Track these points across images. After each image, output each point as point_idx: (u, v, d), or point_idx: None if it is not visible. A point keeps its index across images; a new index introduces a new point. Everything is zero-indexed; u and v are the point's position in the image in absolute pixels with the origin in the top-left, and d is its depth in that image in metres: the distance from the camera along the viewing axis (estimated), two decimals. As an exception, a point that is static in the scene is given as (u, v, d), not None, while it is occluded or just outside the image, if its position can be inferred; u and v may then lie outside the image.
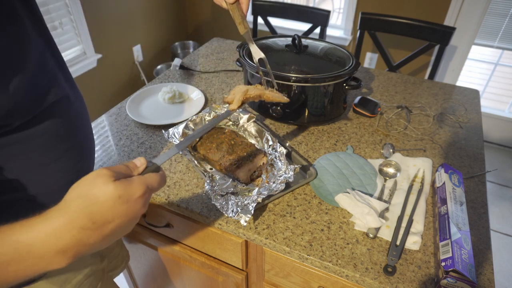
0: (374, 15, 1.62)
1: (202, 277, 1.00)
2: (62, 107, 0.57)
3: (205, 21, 3.09)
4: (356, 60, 0.98)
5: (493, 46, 2.36)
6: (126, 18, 2.48)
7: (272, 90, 0.67)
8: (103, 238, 0.40)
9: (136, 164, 0.45)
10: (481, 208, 0.79)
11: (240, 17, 0.62)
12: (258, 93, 0.65)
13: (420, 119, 1.08)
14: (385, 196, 0.81)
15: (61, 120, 0.57)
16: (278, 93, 0.68)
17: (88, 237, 0.39)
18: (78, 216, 0.38)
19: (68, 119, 0.58)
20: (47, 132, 0.54)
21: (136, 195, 0.41)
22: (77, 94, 0.63)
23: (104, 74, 2.42)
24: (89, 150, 0.66)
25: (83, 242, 0.39)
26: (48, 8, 1.93)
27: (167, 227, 0.90)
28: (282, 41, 1.08)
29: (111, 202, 0.39)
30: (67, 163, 0.59)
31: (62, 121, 0.57)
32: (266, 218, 0.75)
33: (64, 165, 0.59)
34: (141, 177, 0.43)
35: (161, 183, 0.46)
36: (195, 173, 0.86)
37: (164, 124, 1.02)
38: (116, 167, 0.42)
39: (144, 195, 0.42)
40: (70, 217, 0.38)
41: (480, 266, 0.67)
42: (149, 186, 0.43)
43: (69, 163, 0.60)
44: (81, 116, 0.63)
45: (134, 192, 0.41)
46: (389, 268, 0.66)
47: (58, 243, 0.37)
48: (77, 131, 0.61)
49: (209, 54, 1.46)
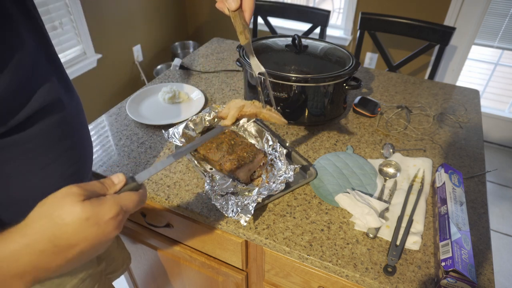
0: (374, 15, 1.63)
1: (202, 277, 1.00)
2: (55, 111, 0.55)
3: (205, 21, 3.09)
4: (356, 60, 0.98)
5: (493, 46, 2.37)
6: (126, 18, 2.48)
7: (270, 109, 0.62)
8: (67, 262, 0.37)
9: (113, 181, 0.41)
10: (481, 208, 0.79)
11: (242, 26, 0.58)
12: (254, 111, 0.61)
13: (420, 119, 1.08)
14: (385, 196, 0.81)
15: (54, 123, 0.55)
16: (277, 113, 0.63)
17: (49, 262, 0.36)
18: (39, 238, 0.35)
19: (62, 122, 0.57)
20: (39, 137, 0.53)
21: (107, 217, 0.37)
22: (72, 97, 0.61)
23: (104, 74, 2.42)
24: (85, 153, 0.64)
25: (43, 267, 0.36)
26: (48, 8, 1.93)
27: (167, 227, 0.90)
28: (282, 41, 1.08)
29: (77, 225, 0.35)
30: (62, 166, 0.58)
31: (56, 125, 0.55)
32: (266, 218, 0.75)
33: (58, 168, 0.57)
34: (115, 197, 0.39)
35: (138, 203, 0.42)
36: (195, 173, 0.86)
37: (164, 124, 1.02)
38: (89, 184, 0.39)
39: (116, 217, 0.38)
40: (30, 239, 0.35)
41: (480, 266, 0.67)
42: (124, 207, 0.39)
43: (64, 166, 0.58)
44: (76, 119, 0.61)
45: (104, 213, 0.37)
46: (389, 268, 0.66)
47: (14, 267, 0.35)
48: (72, 134, 0.60)
49: (209, 54, 1.46)
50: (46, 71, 0.54)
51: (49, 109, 0.54)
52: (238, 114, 0.60)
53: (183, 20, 3.11)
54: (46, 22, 1.95)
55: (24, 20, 0.51)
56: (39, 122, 0.52)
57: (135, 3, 2.53)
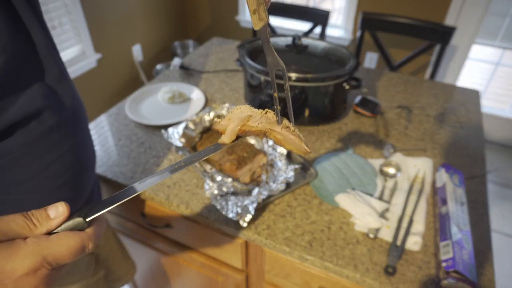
0: (375, 15, 1.62)
1: (202, 277, 0.99)
2: (39, 121, 0.48)
3: (205, 21, 3.08)
4: (356, 60, 0.98)
5: (494, 46, 2.36)
6: (126, 18, 2.48)
7: (288, 127, 0.40)
8: None
9: (49, 215, 0.29)
10: (482, 209, 0.79)
11: (256, 2, 0.38)
12: (263, 129, 0.40)
13: (420, 119, 1.08)
14: (386, 196, 0.80)
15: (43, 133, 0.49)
16: (296, 136, 0.39)
17: None
18: None
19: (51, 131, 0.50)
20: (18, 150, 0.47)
21: (18, 273, 0.26)
22: (59, 106, 0.52)
23: (104, 74, 2.42)
24: (81, 160, 0.57)
25: None
26: (47, 8, 1.93)
27: (167, 227, 0.90)
28: (282, 41, 1.08)
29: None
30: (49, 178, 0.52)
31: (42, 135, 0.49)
32: (266, 219, 0.75)
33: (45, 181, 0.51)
34: (36, 243, 0.27)
35: (77, 251, 0.29)
36: (195, 173, 0.86)
37: (163, 124, 1.02)
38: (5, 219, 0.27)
39: (35, 271, 0.27)
40: None
41: (480, 267, 0.67)
42: (49, 257, 0.27)
43: (54, 177, 0.52)
44: (71, 125, 0.55)
45: (14, 267, 0.26)
46: (389, 269, 0.66)
47: None
48: (64, 143, 0.53)
49: (209, 54, 1.46)
50: (28, 76, 0.46)
51: (30, 120, 0.47)
52: (240, 129, 0.41)
53: (183, 19, 3.11)
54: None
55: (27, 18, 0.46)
56: (18, 134, 0.45)
57: (135, 2, 2.53)
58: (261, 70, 0.94)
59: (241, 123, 0.41)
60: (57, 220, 0.29)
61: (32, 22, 0.48)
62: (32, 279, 0.27)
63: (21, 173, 0.49)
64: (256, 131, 0.41)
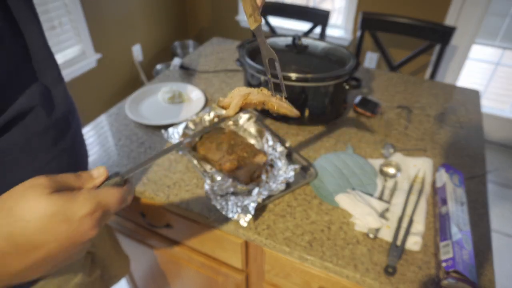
0: (375, 15, 1.62)
1: (202, 277, 0.99)
2: (32, 121, 0.49)
3: (205, 20, 3.09)
4: (356, 60, 0.98)
5: (494, 46, 2.36)
6: (126, 18, 2.48)
7: (281, 99, 0.54)
8: (32, 266, 0.31)
9: (92, 175, 0.36)
10: (482, 209, 0.79)
11: (251, 8, 0.50)
12: (262, 99, 0.53)
13: (420, 119, 1.08)
14: (386, 196, 0.80)
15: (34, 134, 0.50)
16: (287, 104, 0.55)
17: (6, 265, 0.30)
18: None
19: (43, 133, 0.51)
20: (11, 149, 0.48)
21: (80, 214, 0.32)
22: (54, 106, 0.53)
23: (104, 74, 2.42)
24: (77, 161, 0.59)
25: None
26: (47, 8, 1.93)
27: (167, 227, 0.89)
28: (282, 41, 1.08)
29: (39, 222, 0.30)
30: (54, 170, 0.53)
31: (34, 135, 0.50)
32: (266, 219, 0.75)
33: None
34: (91, 191, 0.34)
35: (121, 200, 0.36)
36: (195, 173, 0.86)
37: (163, 124, 1.02)
38: (60, 176, 0.33)
39: (92, 213, 0.32)
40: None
41: (481, 267, 0.67)
42: (102, 203, 0.33)
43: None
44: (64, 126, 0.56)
45: (77, 209, 0.32)
46: (389, 269, 0.66)
47: None
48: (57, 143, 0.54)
49: (209, 54, 1.46)
50: (26, 76, 0.48)
51: (26, 116, 0.48)
52: (243, 103, 0.52)
53: (183, 19, 3.11)
54: (45, 22, 1.95)
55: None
56: (16, 130, 0.47)
57: (135, 2, 2.53)
58: (261, 70, 0.94)
59: (242, 98, 0.52)
60: (99, 179, 0.36)
61: (31, 23, 0.49)
62: (90, 219, 0.33)
63: (20, 173, 0.50)
64: (256, 103, 0.53)
